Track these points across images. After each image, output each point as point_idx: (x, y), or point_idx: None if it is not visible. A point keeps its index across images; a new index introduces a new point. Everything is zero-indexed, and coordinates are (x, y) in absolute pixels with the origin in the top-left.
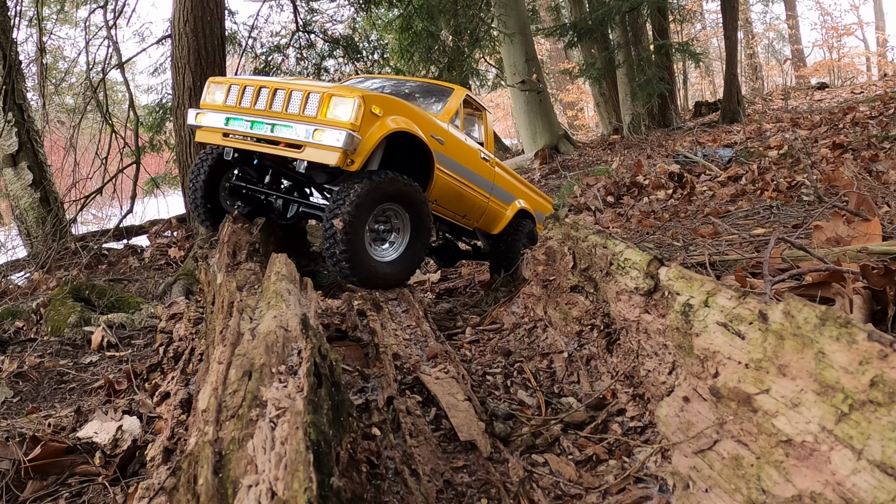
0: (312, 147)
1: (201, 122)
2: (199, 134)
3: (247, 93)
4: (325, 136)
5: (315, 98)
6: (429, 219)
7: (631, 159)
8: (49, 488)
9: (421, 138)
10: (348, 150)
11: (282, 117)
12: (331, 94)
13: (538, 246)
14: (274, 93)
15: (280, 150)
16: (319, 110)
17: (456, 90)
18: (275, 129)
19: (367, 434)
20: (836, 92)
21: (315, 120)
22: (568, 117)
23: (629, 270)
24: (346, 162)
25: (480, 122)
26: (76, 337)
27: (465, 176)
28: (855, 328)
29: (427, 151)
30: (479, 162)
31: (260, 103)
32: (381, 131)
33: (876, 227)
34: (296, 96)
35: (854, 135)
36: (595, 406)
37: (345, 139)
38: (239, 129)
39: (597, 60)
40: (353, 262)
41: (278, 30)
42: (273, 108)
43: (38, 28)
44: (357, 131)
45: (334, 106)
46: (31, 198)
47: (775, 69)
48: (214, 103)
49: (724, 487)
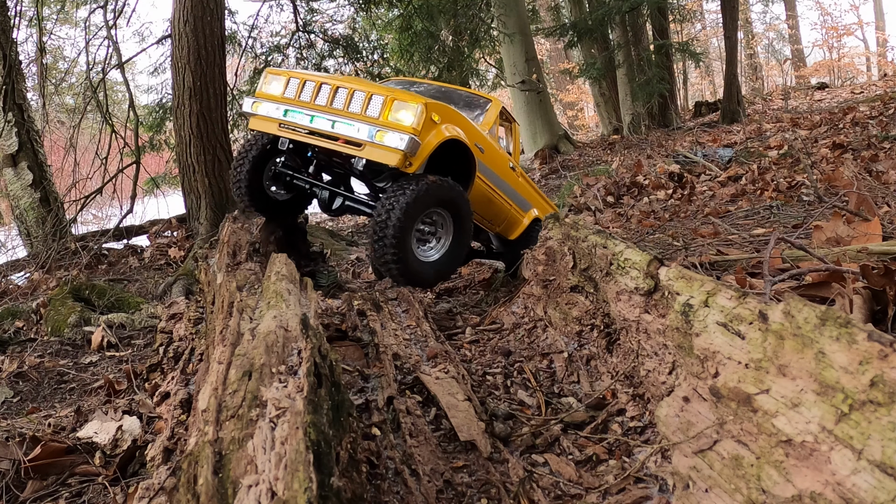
0: (373, 147)
1: (257, 110)
2: (254, 122)
3: (307, 87)
4: (387, 137)
5: (378, 100)
6: (471, 224)
7: (631, 159)
8: (49, 488)
9: (469, 147)
10: (409, 154)
11: (343, 115)
12: (394, 98)
13: (538, 246)
14: (336, 90)
15: (339, 145)
16: (382, 112)
17: (493, 102)
18: (335, 126)
19: (367, 434)
20: (836, 92)
21: (377, 121)
22: (568, 117)
23: (629, 270)
24: (405, 164)
25: (509, 133)
26: (76, 337)
27: (497, 184)
28: (855, 328)
29: (471, 159)
30: (509, 171)
31: (321, 99)
32: (437, 138)
33: (876, 227)
34: (358, 96)
35: (854, 135)
36: (595, 406)
37: (408, 142)
38: (298, 121)
39: (597, 60)
40: (400, 260)
41: (278, 30)
42: (334, 105)
43: (38, 28)
44: (418, 136)
45: (396, 109)
46: (31, 198)
47: (775, 69)
48: (271, 94)
49: (724, 487)
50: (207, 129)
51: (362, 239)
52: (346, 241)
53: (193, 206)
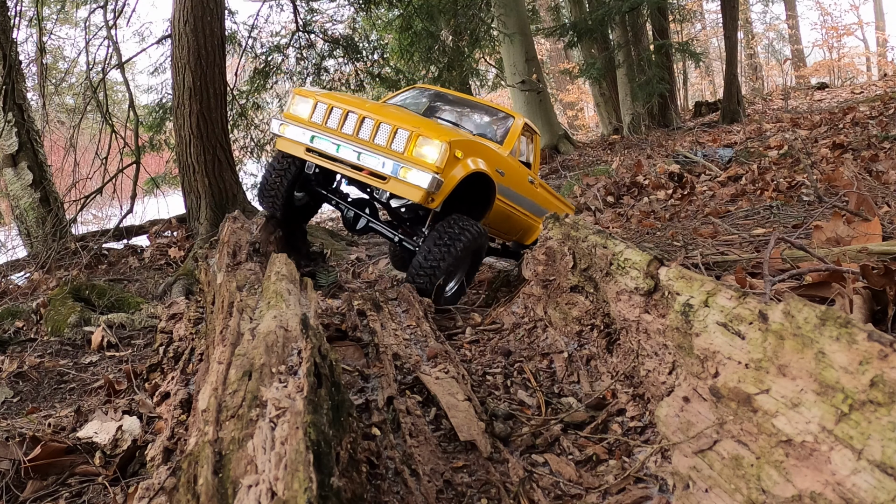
0: (397, 182)
1: (284, 132)
2: (281, 143)
3: (334, 114)
4: (410, 174)
5: (403, 135)
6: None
7: (631, 159)
8: (49, 488)
9: (490, 177)
10: (431, 191)
11: (369, 146)
12: (419, 134)
13: (538, 246)
14: (362, 121)
15: (364, 176)
16: (407, 147)
17: (516, 118)
18: (361, 158)
19: (367, 434)
20: (836, 92)
21: (402, 157)
22: (568, 117)
23: (629, 270)
24: (428, 200)
25: (531, 144)
26: (76, 337)
27: (516, 201)
28: (855, 328)
29: (492, 187)
30: (528, 186)
31: (347, 127)
32: (460, 174)
33: (876, 227)
34: (384, 128)
35: (854, 135)
36: (595, 406)
37: (430, 182)
38: (324, 149)
39: (597, 60)
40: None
41: (278, 30)
42: (360, 136)
43: (38, 28)
44: (440, 174)
45: (421, 145)
46: (31, 198)
47: (775, 69)
48: (299, 116)
49: (724, 487)
50: (207, 129)
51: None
52: (346, 241)
53: (193, 206)
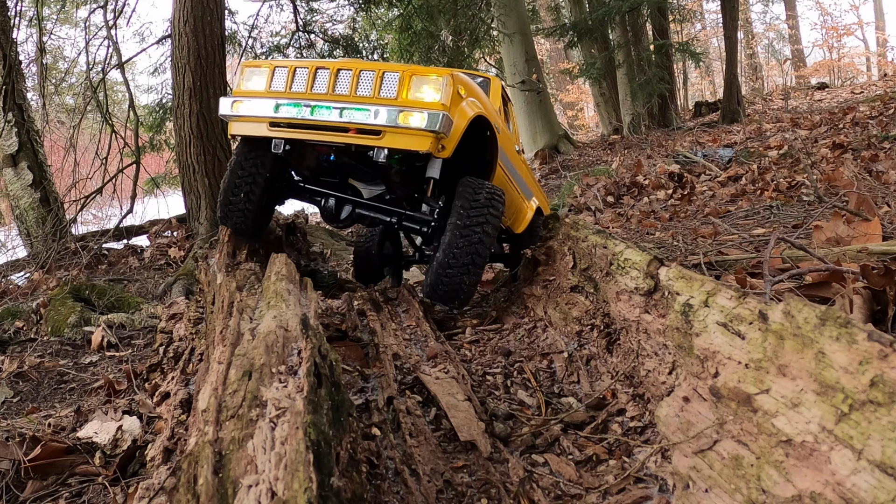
0: (395, 133)
1: (239, 110)
2: (237, 126)
3: (299, 75)
4: (412, 118)
5: (393, 77)
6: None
7: (631, 159)
8: (49, 488)
9: (493, 126)
10: (441, 134)
11: (351, 100)
12: (412, 73)
13: (538, 246)
14: (336, 73)
15: (352, 137)
16: (400, 91)
17: (493, 80)
18: (344, 114)
19: (367, 434)
20: (836, 92)
21: (396, 102)
22: (568, 117)
23: (629, 270)
24: (438, 147)
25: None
26: (76, 337)
27: (510, 171)
28: (855, 328)
29: (494, 140)
30: (517, 155)
31: (319, 86)
32: (466, 115)
33: (876, 227)
34: (366, 76)
35: (854, 135)
36: (595, 406)
37: (441, 120)
38: (295, 115)
39: (597, 60)
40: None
41: (278, 30)
42: (337, 92)
43: (38, 28)
44: (448, 111)
45: (417, 86)
46: (31, 198)
47: (775, 69)
48: (254, 90)
49: (724, 487)
50: (207, 129)
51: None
52: (346, 241)
53: (193, 206)
